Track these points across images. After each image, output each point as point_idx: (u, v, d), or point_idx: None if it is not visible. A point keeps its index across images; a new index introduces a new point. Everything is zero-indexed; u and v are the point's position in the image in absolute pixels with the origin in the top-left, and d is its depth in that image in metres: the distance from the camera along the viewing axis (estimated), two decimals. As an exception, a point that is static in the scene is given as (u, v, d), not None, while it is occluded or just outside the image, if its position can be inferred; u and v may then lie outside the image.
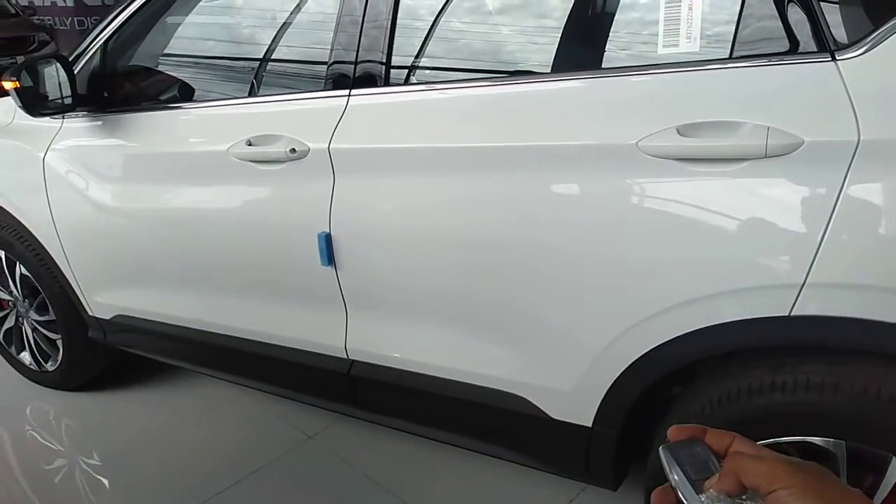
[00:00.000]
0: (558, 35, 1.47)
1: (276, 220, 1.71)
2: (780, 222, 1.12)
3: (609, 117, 1.27)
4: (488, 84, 1.50)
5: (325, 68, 1.62)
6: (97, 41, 1.98)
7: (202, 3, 2.01)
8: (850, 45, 1.06)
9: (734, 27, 1.17)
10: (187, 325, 2.02)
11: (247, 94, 1.94)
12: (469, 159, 1.41)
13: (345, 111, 1.56)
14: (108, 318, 2.20)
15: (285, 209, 1.69)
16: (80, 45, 2.02)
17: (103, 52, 2.00)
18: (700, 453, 0.49)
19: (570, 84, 1.35)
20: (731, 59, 1.17)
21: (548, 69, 1.47)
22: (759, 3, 1.14)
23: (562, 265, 1.35)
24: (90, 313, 2.24)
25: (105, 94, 2.04)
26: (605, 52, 1.40)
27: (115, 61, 2.05)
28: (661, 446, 0.50)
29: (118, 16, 1.94)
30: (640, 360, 1.31)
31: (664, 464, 0.49)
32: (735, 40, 1.17)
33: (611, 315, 1.33)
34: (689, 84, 1.19)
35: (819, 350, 1.19)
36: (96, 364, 2.48)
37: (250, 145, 1.66)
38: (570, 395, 1.44)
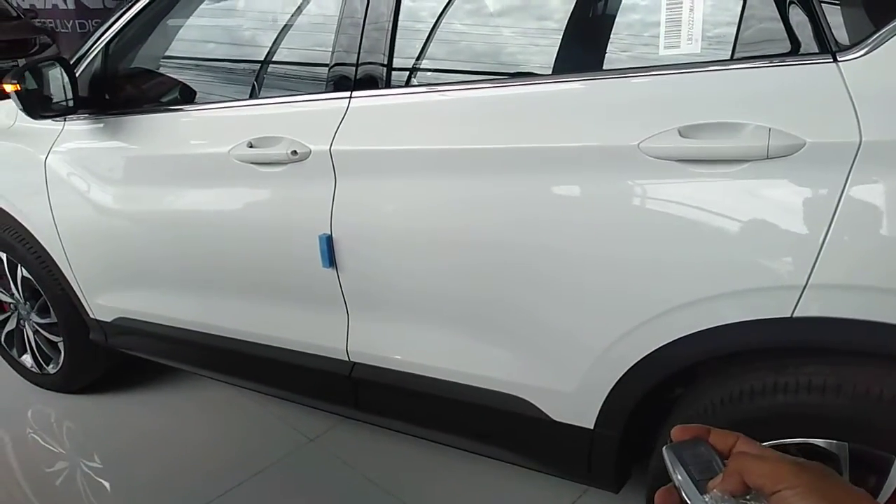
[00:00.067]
0: (559, 37, 1.47)
1: (277, 221, 1.71)
2: (781, 224, 1.12)
3: (610, 119, 1.27)
4: (489, 86, 1.50)
5: (326, 70, 1.62)
6: (98, 44, 1.99)
7: (203, 5, 2.02)
8: (851, 47, 1.06)
9: (735, 28, 1.17)
10: (189, 327, 2.02)
11: (248, 96, 1.95)
12: (470, 161, 1.41)
13: (346, 113, 1.56)
14: (109, 320, 2.20)
15: (286, 211, 1.69)
16: (81, 47, 2.02)
17: (105, 55, 2.00)
18: (704, 453, 0.49)
19: (572, 86, 1.35)
20: (732, 60, 1.17)
21: (549, 71, 1.47)
22: (761, 5, 1.14)
23: (563, 267, 1.35)
24: (92, 316, 2.24)
25: (106, 97, 2.05)
26: (607, 54, 1.40)
27: (117, 64, 2.06)
28: (664, 446, 0.50)
29: (119, 18, 1.95)
30: (641, 361, 1.31)
31: (668, 464, 0.49)
32: (736, 41, 1.17)
33: (612, 316, 1.33)
34: (691, 85, 1.19)
35: (821, 351, 1.19)
36: (98, 367, 2.48)
37: (251, 147, 1.66)
38: (571, 396, 1.44)
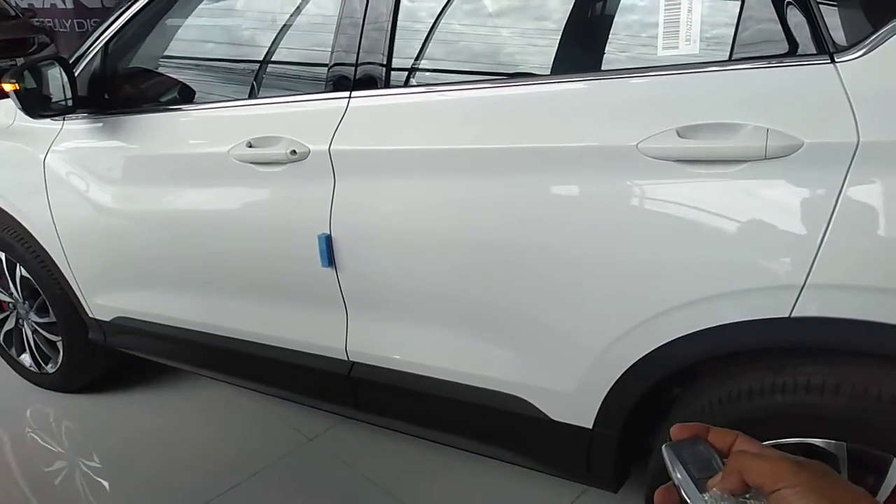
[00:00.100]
0: (558, 37, 1.48)
1: (276, 221, 1.71)
2: (779, 224, 1.12)
3: (609, 119, 1.27)
4: (489, 86, 1.50)
5: (325, 70, 1.62)
6: (98, 43, 1.98)
7: (202, 5, 2.02)
8: (849, 48, 1.06)
9: (734, 29, 1.18)
10: (188, 326, 2.02)
11: (247, 95, 1.95)
12: (469, 161, 1.41)
13: (345, 113, 1.56)
14: (108, 319, 2.20)
15: (286, 211, 1.69)
16: (80, 47, 2.02)
17: (104, 54, 2.00)
18: (703, 452, 0.49)
19: (571, 86, 1.35)
20: (730, 61, 1.17)
21: (548, 71, 1.48)
22: (759, 6, 1.15)
23: (562, 267, 1.35)
24: (90, 315, 2.24)
25: (105, 96, 2.04)
26: (605, 54, 1.41)
27: (116, 63, 2.06)
28: (663, 445, 0.50)
29: (119, 18, 1.94)
30: (640, 361, 1.31)
31: (667, 462, 0.48)
32: (734, 42, 1.17)
33: (611, 316, 1.33)
34: (689, 86, 1.19)
35: (819, 351, 1.19)
36: (96, 366, 2.48)
37: (251, 147, 1.66)
38: (570, 396, 1.44)
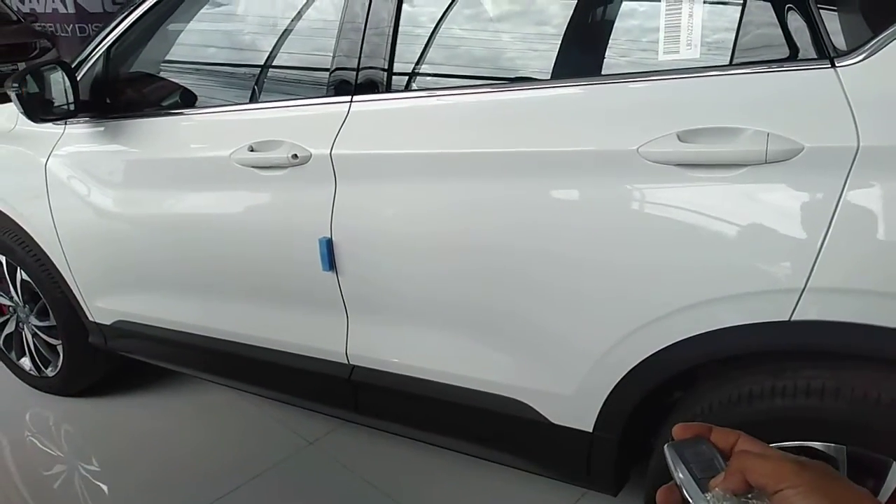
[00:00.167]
0: (558, 42, 1.48)
1: (277, 225, 1.72)
2: (780, 228, 1.13)
3: (609, 123, 1.27)
4: (489, 91, 1.50)
5: (327, 75, 1.63)
6: (100, 48, 1.99)
7: (204, 10, 2.03)
8: (849, 52, 1.07)
9: (734, 34, 1.18)
10: (188, 330, 2.03)
11: (249, 100, 1.95)
12: (470, 165, 1.42)
13: (347, 117, 1.56)
14: (108, 323, 2.20)
15: (287, 215, 1.69)
16: (83, 51, 2.03)
17: (106, 59, 2.00)
18: (705, 452, 0.49)
19: (571, 90, 1.36)
20: (731, 65, 1.18)
21: (548, 76, 1.48)
22: (759, 10, 1.15)
23: (562, 270, 1.35)
24: (91, 318, 2.24)
25: (107, 101, 2.05)
26: (606, 59, 1.41)
27: (118, 68, 2.06)
28: (666, 444, 0.50)
29: (121, 23, 1.95)
30: (640, 364, 1.32)
31: (669, 462, 0.49)
32: (735, 47, 1.18)
33: (611, 320, 1.33)
34: (690, 90, 1.20)
35: (819, 355, 1.19)
36: (97, 369, 2.47)
37: (252, 151, 1.67)
38: (570, 399, 1.44)
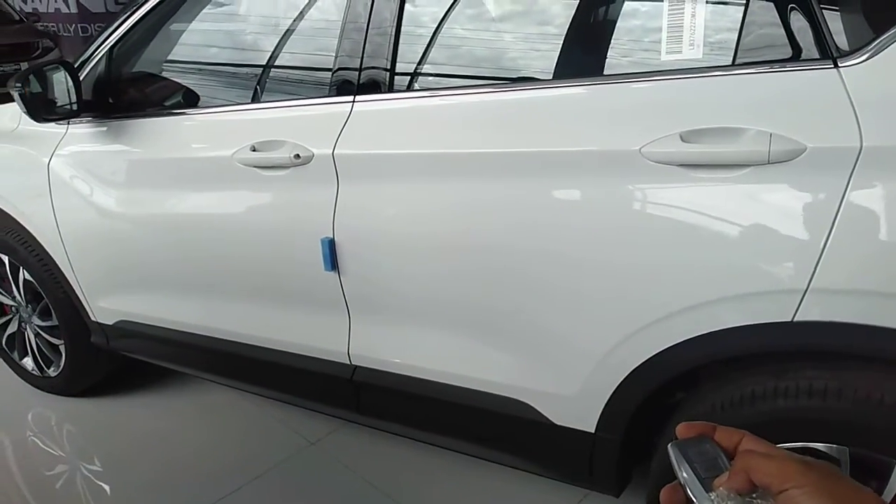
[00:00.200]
0: (561, 42, 1.48)
1: (279, 225, 1.72)
2: (782, 228, 1.13)
3: (612, 124, 1.27)
4: (492, 90, 1.50)
5: (329, 74, 1.63)
6: (102, 48, 1.99)
7: (206, 9, 2.03)
8: (852, 53, 1.07)
9: (737, 34, 1.18)
10: (190, 330, 2.03)
11: (251, 100, 1.95)
12: (472, 165, 1.42)
13: (349, 117, 1.56)
14: (111, 323, 2.20)
15: (289, 215, 1.69)
16: (85, 51, 2.03)
17: (108, 59, 2.01)
18: (709, 451, 0.49)
19: (573, 91, 1.36)
20: (733, 65, 1.18)
21: (551, 75, 1.48)
22: (762, 11, 1.15)
23: (564, 271, 1.35)
24: (93, 318, 2.24)
25: (110, 100, 2.05)
26: (608, 59, 1.41)
27: (121, 67, 2.06)
28: (669, 443, 0.50)
29: (123, 23, 1.95)
30: (643, 365, 1.31)
31: (673, 461, 0.48)
32: (738, 47, 1.18)
33: (613, 320, 1.33)
34: (693, 90, 1.20)
35: (822, 356, 1.19)
36: (99, 369, 2.48)
37: (255, 151, 1.67)
38: (572, 400, 1.44)
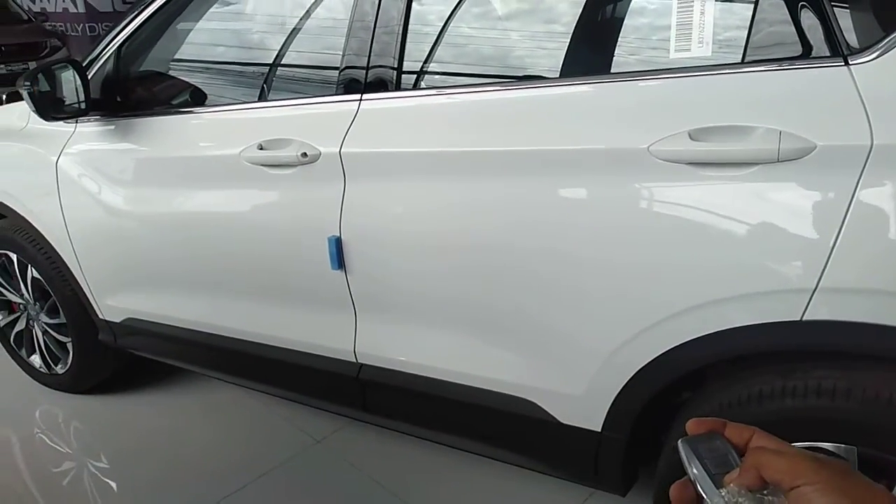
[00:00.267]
0: (568, 40, 1.48)
1: (286, 223, 1.72)
2: (791, 227, 1.12)
3: (620, 122, 1.27)
4: (499, 89, 1.50)
5: (336, 73, 1.63)
6: (110, 47, 2.00)
7: (214, 8, 2.03)
8: (862, 50, 1.06)
9: (746, 31, 1.18)
10: (197, 328, 2.03)
11: (258, 98, 1.96)
12: (480, 164, 1.41)
13: (356, 116, 1.56)
14: (118, 321, 2.21)
15: (296, 213, 1.69)
16: (93, 50, 2.04)
17: (116, 58, 2.01)
18: (720, 447, 0.48)
19: (581, 88, 1.36)
20: (743, 63, 1.17)
21: (558, 74, 1.48)
22: (772, 8, 1.15)
23: (571, 270, 1.35)
24: (101, 316, 2.25)
25: (118, 99, 2.06)
26: (616, 57, 1.41)
27: (128, 66, 2.07)
28: (679, 439, 0.49)
29: (131, 22, 1.96)
30: (649, 364, 1.31)
31: (683, 457, 0.48)
32: (747, 45, 1.17)
33: (620, 319, 1.33)
34: (701, 88, 1.19)
35: (831, 355, 1.18)
36: (106, 367, 2.49)
37: (262, 149, 1.67)
38: (579, 399, 1.44)
